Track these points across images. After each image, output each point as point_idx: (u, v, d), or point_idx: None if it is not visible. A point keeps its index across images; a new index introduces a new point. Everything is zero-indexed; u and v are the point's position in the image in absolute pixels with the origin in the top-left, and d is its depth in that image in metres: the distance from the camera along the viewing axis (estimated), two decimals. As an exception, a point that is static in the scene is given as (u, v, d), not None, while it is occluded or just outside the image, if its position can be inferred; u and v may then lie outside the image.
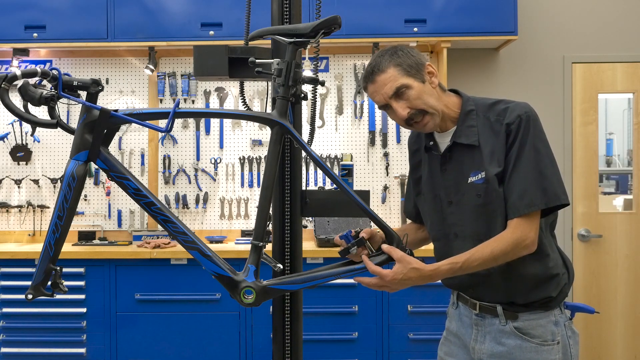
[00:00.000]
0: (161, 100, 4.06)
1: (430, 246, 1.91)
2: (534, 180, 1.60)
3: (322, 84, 1.74)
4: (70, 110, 4.02)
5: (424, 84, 1.67)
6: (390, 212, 4.00)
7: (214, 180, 4.05)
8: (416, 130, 1.75)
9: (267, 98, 2.06)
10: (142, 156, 4.06)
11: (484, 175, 1.66)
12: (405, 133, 3.99)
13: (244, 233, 3.98)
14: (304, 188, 1.90)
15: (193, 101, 4.06)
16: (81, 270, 3.50)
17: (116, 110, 1.55)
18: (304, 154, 1.80)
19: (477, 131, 1.69)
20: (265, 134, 4.03)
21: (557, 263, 1.72)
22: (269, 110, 1.81)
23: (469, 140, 1.70)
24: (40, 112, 3.55)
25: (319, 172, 4.00)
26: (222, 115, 2.20)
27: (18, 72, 1.49)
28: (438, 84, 1.72)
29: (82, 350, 3.50)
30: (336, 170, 3.98)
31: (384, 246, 1.63)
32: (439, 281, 1.88)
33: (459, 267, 1.60)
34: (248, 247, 2.02)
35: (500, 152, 1.65)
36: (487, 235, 1.66)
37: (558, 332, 1.70)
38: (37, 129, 3.33)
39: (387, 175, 4.02)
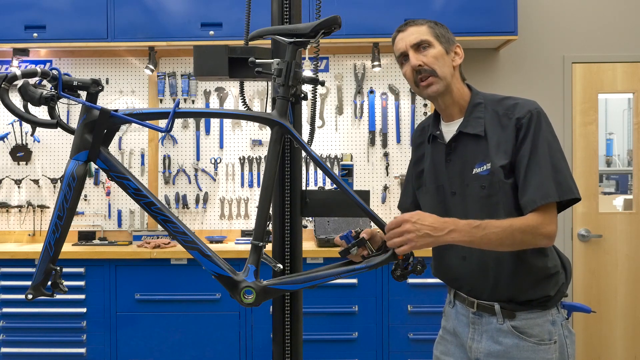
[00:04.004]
0: (161, 100, 4.06)
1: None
2: (549, 174, 1.62)
3: (322, 84, 1.74)
4: (70, 110, 4.02)
5: (447, 54, 1.74)
6: (390, 212, 4.00)
7: (214, 180, 4.05)
8: (419, 92, 1.76)
9: (267, 98, 2.06)
10: (142, 156, 4.06)
11: (490, 167, 1.67)
12: (405, 133, 4.00)
13: (244, 233, 3.98)
14: (304, 188, 1.90)
15: (193, 101, 4.06)
16: (81, 270, 3.50)
17: (116, 110, 1.55)
18: (304, 154, 1.80)
19: (484, 122, 1.71)
20: (265, 134, 4.03)
21: (556, 262, 1.73)
22: (269, 110, 1.81)
23: (475, 130, 1.71)
24: (40, 112, 3.55)
25: (319, 172, 4.00)
26: (222, 115, 2.20)
27: (18, 72, 1.49)
28: (459, 68, 1.78)
29: (82, 350, 3.50)
30: (336, 170, 3.99)
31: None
32: (438, 280, 1.89)
33: (477, 224, 1.57)
34: (248, 247, 2.02)
35: (508, 145, 1.66)
36: None
37: (555, 332, 1.70)
38: (37, 129, 3.32)
39: (387, 175, 4.02)
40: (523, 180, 1.64)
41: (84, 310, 3.51)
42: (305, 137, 1.79)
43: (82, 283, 3.50)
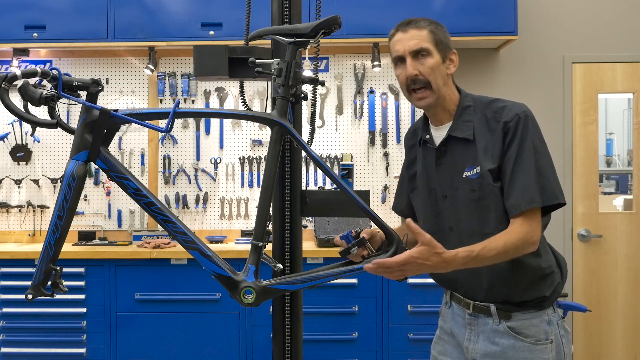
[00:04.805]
0: (161, 100, 4.06)
1: None
2: (534, 178, 1.62)
3: (322, 84, 1.74)
4: (70, 110, 4.02)
5: (443, 63, 1.72)
6: (390, 212, 4.00)
7: (214, 180, 4.05)
8: (409, 99, 1.76)
9: (267, 98, 2.06)
10: (142, 156, 4.06)
11: (479, 170, 1.68)
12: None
13: (244, 233, 3.98)
14: (304, 188, 1.90)
15: (193, 101, 4.06)
16: (81, 270, 3.50)
17: (116, 110, 1.55)
18: (304, 154, 1.80)
19: (473, 126, 1.71)
20: (265, 134, 4.03)
21: (551, 263, 1.73)
22: (269, 110, 1.81)
23: (464, 134, 1.71)
24: (40, 112, 3.55)
25: (319, 172, 4.00)
26: (222, 115, 2.20)
27: (18, 72, 1.49)
28: (451, 74, 1.77)
29: (82, 350, 3.50)
30: (336, 170, 3.99)
31: (412, 225, 1.54)
32: (440, 285, 1.89)
33: (474, 255, 1.57)
34: (248, 247, 2.02)
35: (495, 148, 1.67)
36: (480, 229, 1.68)
37: (551, 332, 1.71)
38: (37, 129, 3.32)
39: (387, 175, 4.02)
40: (508, 184, 1.64)
41: (84, 310, 3.51)
42: (305, 137, 1.79)
43: (82, 283, 3.50)
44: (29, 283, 1.53)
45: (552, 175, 1.65)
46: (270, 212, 1.67)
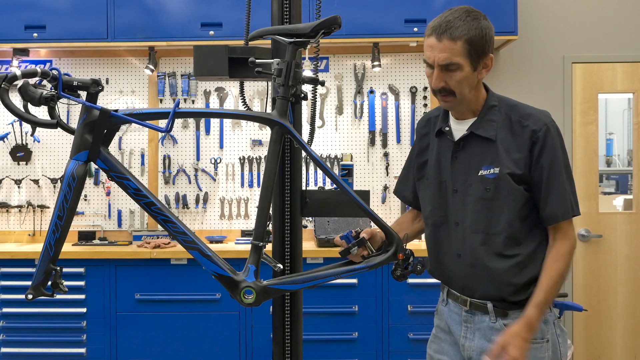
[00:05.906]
0: (161, 100, 4.06)
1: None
2: (566, 191, 1.68)
3: (322, 84, 1.74)
4: (70, 110, 4.02)
5: (474, 72, 1.67)
6: (390, 212, 4.00)
7: (214, 180, 4.05)
8: (439, 102, 1.75)
9: (267, 98, 2.06)
10: (142, 156, 4.06)
11: (497, 171, 1.68)
12: (405, 133, 4.00)
13: (244, 233, 3.98)
14: (304, 188, 1.90)
15: (193, 101, 4.06)
16: (81, 270, 3.50)
17: (116, 110, 1.55)
18: (304, 154, 1.80)
19: (497, 126, 1.71)
20: (265, 134, 4.03)
21: None
22: (269, 110, 1.81)
23: (486, 134, 1.72)
24: (40, 112, 3.55)
25: (319, 172, 4.00)
26: (222, 115, 2.20)
27: (18, 72, 1.49)
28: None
29: (82, 350, 3.50)
30: (336, 170, 3.98)
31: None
32: (437, 280, 1.89)
33: (543, 300, 1.66)
34: (248, 247, 2.02)
35: (519, 154, 1.68)
36: (486, 228, 1.70)
37: (547, 331, 1.72)
38: (37, 129, 3.32)
39: (387, 175, 4.02)
40: (545, 195, 1.68)
41: (84, 310, 3.51)
42: (305, 137, 1.79)
43: (82, 283, 3.50)
44: (29, 283, 1.53)
45: (574, 187, 1.72)
46: (270, 212, 1.67)
